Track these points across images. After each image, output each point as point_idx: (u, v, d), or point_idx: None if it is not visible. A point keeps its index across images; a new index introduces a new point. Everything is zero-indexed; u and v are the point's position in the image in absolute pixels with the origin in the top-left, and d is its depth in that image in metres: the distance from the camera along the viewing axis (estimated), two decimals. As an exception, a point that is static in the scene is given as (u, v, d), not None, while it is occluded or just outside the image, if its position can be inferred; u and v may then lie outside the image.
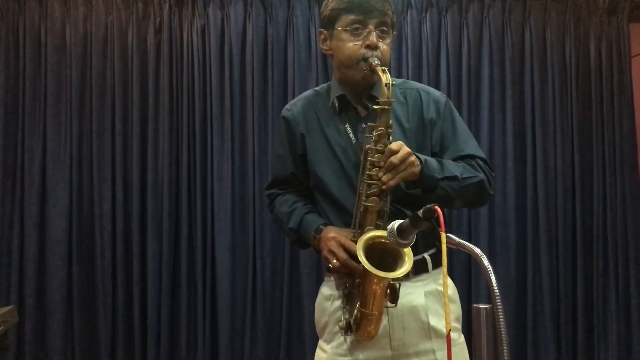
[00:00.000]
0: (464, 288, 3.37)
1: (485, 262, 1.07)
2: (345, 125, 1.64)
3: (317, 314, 1.69)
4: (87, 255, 3.27)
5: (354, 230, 1.52)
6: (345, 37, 1.59)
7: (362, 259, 1.38)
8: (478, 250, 1.11)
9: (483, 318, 1.15)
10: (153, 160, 3.30)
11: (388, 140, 1.49)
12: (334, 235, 1.54)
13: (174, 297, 3.30)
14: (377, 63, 1.52)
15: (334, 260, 1.50)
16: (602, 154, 3.53)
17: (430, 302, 1.57)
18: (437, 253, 1.60)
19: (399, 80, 1.73)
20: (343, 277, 1.55)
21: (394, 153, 1.44)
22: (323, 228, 1.60)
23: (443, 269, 1.10)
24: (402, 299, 1.48)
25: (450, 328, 1.57)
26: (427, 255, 1.60)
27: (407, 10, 3.44)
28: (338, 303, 1.60)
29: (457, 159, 1.63)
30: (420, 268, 1.58)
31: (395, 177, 1.45)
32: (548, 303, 3.43)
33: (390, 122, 1.50)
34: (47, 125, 3.26)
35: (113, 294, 3.26)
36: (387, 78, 1.49)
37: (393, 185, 1.47)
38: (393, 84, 1.49)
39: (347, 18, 1.59)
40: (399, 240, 1.27)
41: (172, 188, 3.31)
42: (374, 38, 1.57)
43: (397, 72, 3.39)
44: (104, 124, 3.30)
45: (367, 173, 1.49)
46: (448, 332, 1.14)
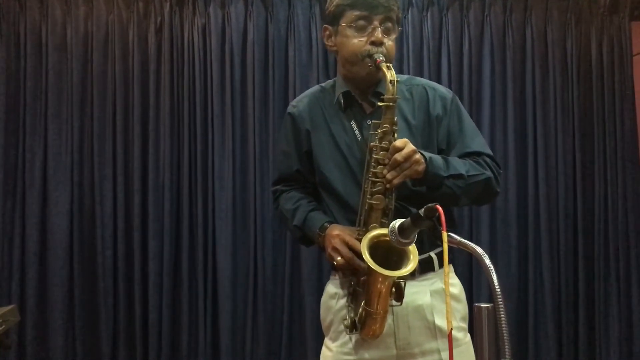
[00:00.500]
0: (466, 287, 3.29)
1: (487, 261, 1.07)
2: (351, 122, 1.63)
3: (322, 312, 1.68)
4: (88, 254, 3.27)
5: (359, 228, 1.51)
6: (350, 33, 1.58)
7: (366, 258, 1.37)
8: (479, 249, 1.11)
9: (485, 317, 1.15)
10: (154, 160, 3.30)
11: (393, 138, 1.47)
12: (338, 233, 1.53)
13: (175, 296, 3.30)
14: (382, 59, 1.51)
15: (338, 258, 1.49)
16: (603, 153, 3.52)
17: (436, 301, 1.56)
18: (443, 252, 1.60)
19: (405, 77, 1.72)
20: (348, 275, 1.54)
21: (399, 150, 1.43)
22: (328, 226, 1.59)
23: (444, 268, 1.10)
24: (407, 298, 1.47)
25: (456, 327, 1.58)
26: (433, 254, 1.58)
27: (408, 9, 3.44)
28: (343, 301, 1.58)
29: (463, 156, 1.61)
30: (427, 267, 1.57)
31: (400, 175, 1.44)
32: (549, 302, 3.42)
33: (395, 119, 1.49)
34: (48, 125, 3.26)
35: (114, 293, 3.27)
36: (391, 75, 1.47)
37: (397, 183, 1.46)
38: (398, 81, 1.48)
39: (351, 14, 1.57)
40: (400, 239, 1.27)
41: (173, 187, 3.32)
42: (379, 34, 1.56)
43: (398, 71, 3.32)
44: (105, 123, 3.30)
45: (371, 170, 1.48)
46: (449, 331, 1.14)
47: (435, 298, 1.56)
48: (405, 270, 1.36)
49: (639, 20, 3.65)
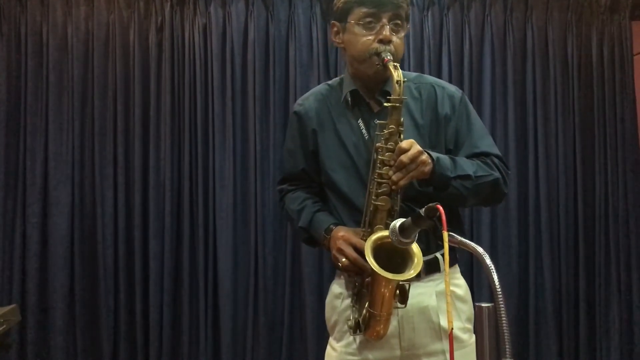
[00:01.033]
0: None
1: (487, 260, 1.07)
2: (358, 121, 1.62)
3: (327, 312, 1.68)
4: (89, 254, 3.27)
5: (364, 229, 1.50)
6: (358, 30, 1.56)
7: (370, 260, 1.35)
8: (480, 249, 1.11)
9: (485, 316, 1.15)
10: (155, 159, 3.31)
11: (399, 138, 1.46)
12: (343, 234, 1.52)
13: (176, 295, 3.30)
14: (389, 58, 1.49)
15: (343, 259, 1.48)
16: (604, 152, 3.52)
17: (442, 302, 1.55)
18: (450, 252, 1.57)
19: (413, 75, 1.70)
20: (353, 275, 1.53)
21: (405, 152, 1.41)
22: (333, 228, 1.58)
23: (445, 268, 1.10)
24: (412, 299, 1.46)
25: (461, 328, 1.57)
26: (439, 255, 1.57)
27: (409, 7, 3.44)
28: (348, 301, 1.57)
29: (471, 156, 1.59)
30: (432, 267, 1.56)
31: (406, 176, 1.42)
32: (550, 302, 3.42)
33: (402, 119, 1.47)
34: (49, 124, 3.26)
35: (115, 293, 3.27)
36: (398, 75, 1.45)
37: (403, 185, 1.44)
38: (405, 81, 1.46)
39: (360, 11, 1.56)
40: (401, 239, 1.26)
41: (173, 186, 3.32)
42: (387, 32, 1.53)
43: (398, 70, 3.38)
44: (106, 123, 3.30)
45: (377, 172, 1.47)
46: (450, 330, 1.14)
47: (441, 299, 1.55)
48: (409, 274, 1.35)
49: (640, 20, 3.66)
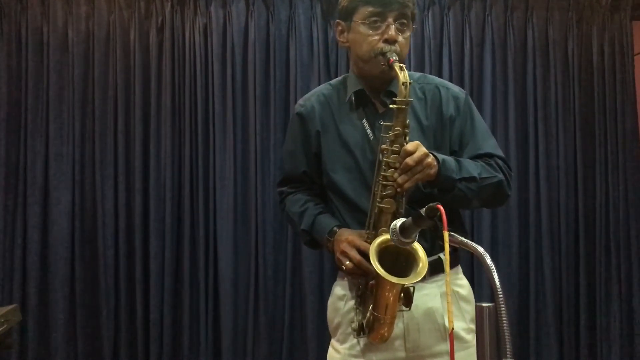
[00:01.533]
0: None
1: (488, 260, 1.07)
2: (363, 121, 1.60)
3: (329, 314, 1.66)
4: (89, 254, 3.27)
5: (368, 232, 1.49)
6: (363, 30, 1.55)
7: (374, 264, 1.34)
8: (480, 249, 1.11)
9: (486, 316, 1.15)
10: (155, 159, 3.31)
11: (405, 141, 1.44)
12: (347, 237, 1.51)
13: (177, 295, 3.30)
14: (395, 59, 1.47)
15: (347, 262, 1.47)
16: (604, 152, 3.52)
17: (446, 303, 1.54)
18: (452, 253, 1.55)
19: (418, 75, 1.68)
20: (357, 278, 1.52)
21: (410, 154, 1.40)
22: (337, 230, 1.56)
23: (446, 267, 1.10)
24: (417, 301, 1.45)
25: (465, 329, 1.57)
26: (442, 256, 1.56)
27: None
28: (352, 303, 1.56)
29: (475, 157, 1.59)
30: (436, 268, 1.54)
31: (411, 179, 1.41)
32: (551, 301, 3.42)
33: (408, 121, 1.45)
34: (49, 124, 3.26)
35: (115, 292, 3.27)
36: (404, 76, 1.43)
37: (408, 187, 1.43)
38: (411, 83, 1.44)
39: (365, 10, 1.54)
40: (401, 239, 1.26)
41: (174, 187, 3.32)
42: (393, 32, 1.52)
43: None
44: (107, 123, 3.30)
45: (382, 174, 1.45)
46: (450, 330, 1.14)
47: (445, 300, 1.54)
48: (414, 278, 1.34)
49: (641, 20, 3.66)
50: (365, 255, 1.43)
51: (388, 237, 1.38)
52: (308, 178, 1.72)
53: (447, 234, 1.13)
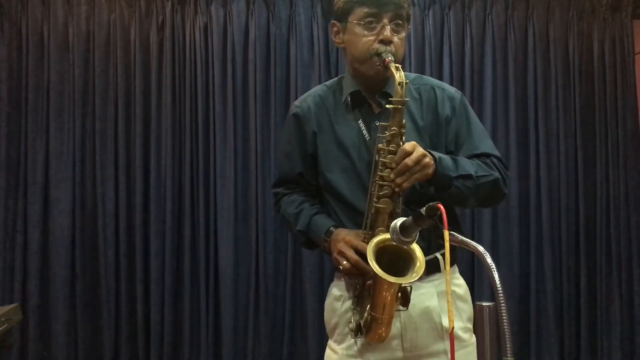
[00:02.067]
0: (467, 286, 3.35)
1: (488, 259, 1.07)
2: (358, 122, 1.60)
3: (327, 315, 1.66)
4: (90, 253, 3.27)
5: (365, 232, 1.49)
6: (359, 30, 1.55)
7: (372, 264, 1.34)
8: (481, 248, 1.11)
9: (486, 315, 1.15)
10: (156, 158, 3.31)
11: (401, 141, 1.44)
12: (344, 237, 1.51)
13: (177, 294, 3.30)
14: (390, 59, 1.47)
15: (344, 262, 1.47)
16: (605, 151, 3.52)
17: (444, 302, 1.54)
18: (450, 252, 1.56)
19: (413, 75, 1.68)
20: (354, 278, 1.52)
21: (408, 154, 1.40)
22: (333, 230, 1.56)
23: (446, 267, 1.10)
24: (414, 300, 1.45)
25: (462, 328, 1.57)
26: (439, 255, 1.56)
27: (410, 7, 3.43)
28: (348, 304, 1.56)
29: (471, 157, 1.59)
30: (433, 268, 1.54)
31: (409, 179, 1.42)
32: (551, 300, 3.42)
33: (404, 121, 1.46)
34: (50, 124, 3.26)
35: (116, 292, 3.27)
36: (400, 76, 1.43)
37: (407, 187, 1.43)
38: (407, 83, 1.44)
39: (360, 11, 1.54)
40: (402, 238, 1.26)
41: (174, 186, 3.32)
42: (388, 32, 1.52)
43: (399, 69, 3.38)
44: (107, 122, 3.30)
45: (379, 174, 1.45)
46: (451, 329, 1.14)
47: (442, 299, 1.55)
48: (412, 277, 1.34)
49: (641, 19, 3.65)
50: (363, 255, 1.42)
51: (385, 236, 1.38)
52: (304, 179, 1.72)
53: (447, 233, 1.13)
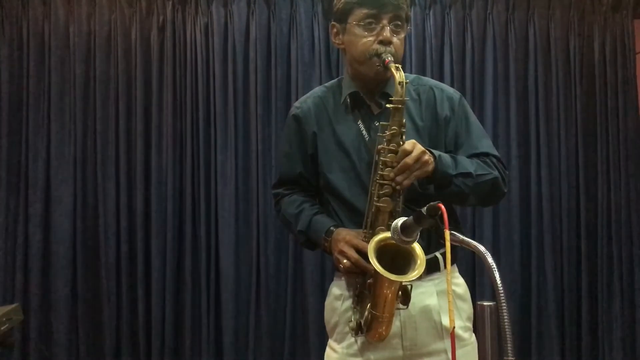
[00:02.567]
0: (468, 285, 3.29)
1: (489, 259, 1.07)
2: (358, 123, 1.61)
3: (327, 314, 1.67)
4: (91, 253, 3.28)
5: (365, 231, 1.50)
6: (358, 31, 1.55)
7: (373, 262, 1.34)
8: (482, 248, 1.11)
9: (487, 315, 1.15)
10: (157, 158, 3.31)
11: (401, 140, 1.45)
12: (345, 236, 1.51)
13: (178, 294, 3.31)
14: (390, 59, 1.48)
15: (345, 261, 1.47)
16: (606, 151, 3.52)
17: (443, 301, 1.54)
18: (450, 251, 1.57)
19: (412, 76, 1.69)
20: (354, 277, 1.52)
21: (408, 153, 1.41)
22: (334, 230, 1.57)
23: (447, 267, 1.10)
24: (414, 299, 1.45)
25: (462, 327, 1.57)
26: (439, 254, 1.57)
27: (410, 8, 3.43)
28: (349, 303, 1.57)
29: (470, 157, 1.59)
30: (433, 267, 1.55)
31: (409, 176, 1.42)
32: (552, 300, 3.42)
33: (404, 121, 1.47)
34: (51, 124, 3.27)
35: (117, 292, 3.27)
36: (400, 76, 1.44)
37: (407, 186, 1.44)
38: (407, 82, 1.45)
39: (360, 12, 1.55)
40: (403, 238, 1.26)
41: (175, 186, 3.32)
42: (388, 33, 1.53)
43: (400, 69, 3.38)
44: (108, 122, 3.31)
45: (379, 173, 1.46)
46: (452, 329, 1.14)
47: (442, 298, 1.55)
48: (413, 275, 1.34)
49: (642, 18, 3.65)
50: (363, 254, 1.43)
51: (386, 235, 1.39)
52: (304, 180, 1.72)
53: (448, 233, 1.13)
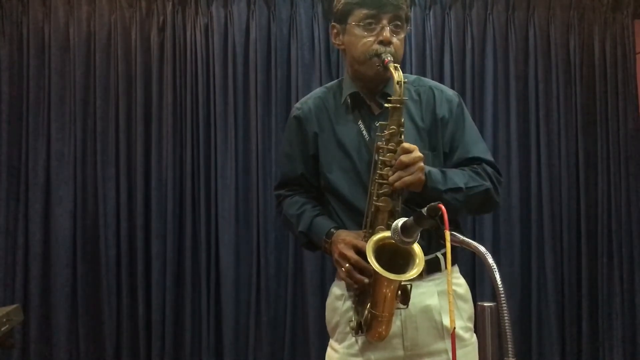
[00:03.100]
0: (469, 286, 3.33)
1: (490, 260, 1.07)
2: (358, 123, 1.62)
3: (328, 314, 1.67)
4: (91, 254, 3.28)
5: (365, 230, 1.50)
6: (358, 32, 1.56)
7: (371, 261, 1.35)
8: (482, 248, 1.11)
9: (488, 316, 1.15)
10: (157, 159, 3.31)
11: (400, 139, 1.46)
12: (345, 238, 1.51)
13: (178, 295, 3.30)
14: (389, 59, 1.49)
15: (346, 265, 1.47)
16: (606, 151, 3.52)
17: (444, 301, 1.55)
18: (450, 251, 1.57)
19: (413, 77, 1.70)
20: (352, 285, 1.51)
21: (407, 152, 1.42)
22: (334, 232, 1.57)
23: (447, 267, 1.10)
24: (415, 299, 1.45)
25: (463, 327, 1.57)
26: (439, 254, 1.57)
27: (410, 8, 3.42)
28: (349, 303, 1.57)
29: (464, 161, 1.60)
30: (433, 267, 1.55)
31: (402, 179, 1.42)
32: (553, 301, 3.42)
33: (403, 120, 1.47)
34: (51, 124, 3.27)
35: (117, 292, 3.27)
36: (399, 76, 1.45)
37: (399, 187, 1.44)
38: (405, 82, 1.46)
39: (360, 12, 1.55)
40: (403, 239, 1.26)
41: (175, 186, 3.32)
42: (387, 33, 1.53)
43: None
44: (108, 123, 3.31)
45: (378, 172, 1.47)
46: (452, 329, 1.14)
47: (443, 298, 1.55)
48: (411, 274, 1.34)
49: (642, 18, 3.65)
50: (363, 254, 1.43)
51: (384, 234, 1.40)
52: (305, 180, 1.73)
53: (448, 233, 1.13)
